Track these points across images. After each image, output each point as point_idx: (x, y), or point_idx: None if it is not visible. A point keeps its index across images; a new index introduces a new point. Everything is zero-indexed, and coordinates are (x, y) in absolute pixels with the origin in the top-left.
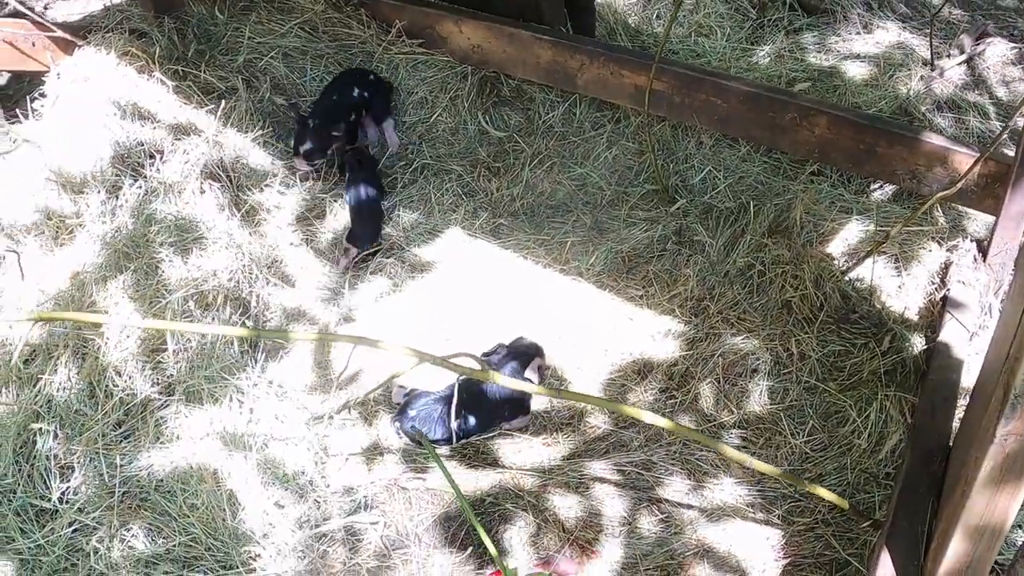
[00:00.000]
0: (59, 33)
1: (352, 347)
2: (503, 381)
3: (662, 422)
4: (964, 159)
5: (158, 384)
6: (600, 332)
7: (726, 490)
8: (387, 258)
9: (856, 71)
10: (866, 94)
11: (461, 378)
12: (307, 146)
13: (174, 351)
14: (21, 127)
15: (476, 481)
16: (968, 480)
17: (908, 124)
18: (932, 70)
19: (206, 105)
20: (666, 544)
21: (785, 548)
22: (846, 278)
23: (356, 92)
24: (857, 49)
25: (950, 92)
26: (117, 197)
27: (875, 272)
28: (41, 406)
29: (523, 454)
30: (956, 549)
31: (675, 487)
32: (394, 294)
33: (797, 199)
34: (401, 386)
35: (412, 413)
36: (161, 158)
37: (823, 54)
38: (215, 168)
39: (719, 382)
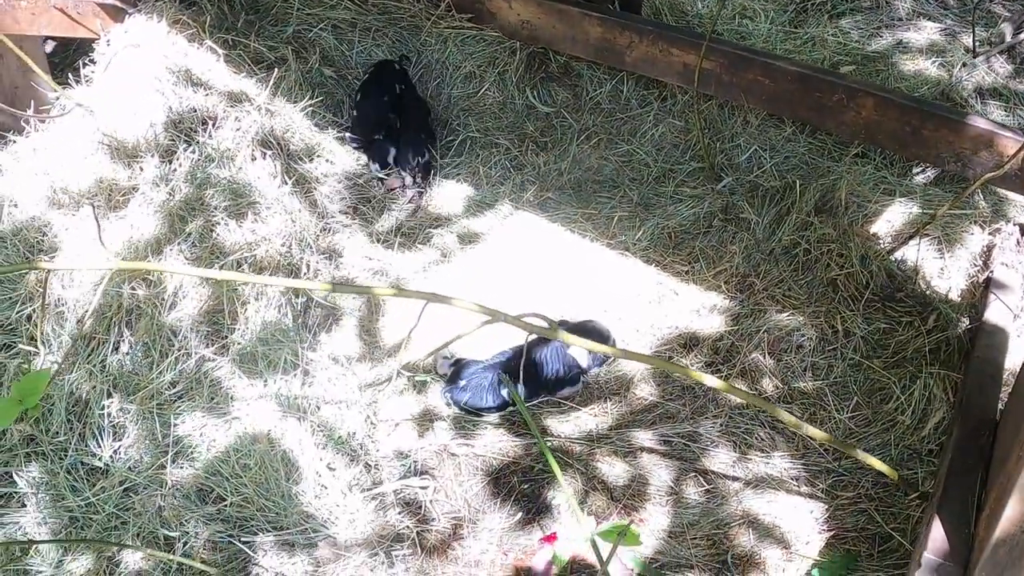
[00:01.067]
0: (110, 0)
1: (424, 303)
2: (574, 340)
3: (721, 384)
4: (1009, 143)
5: (213, 345)
6: (646, 306)
7: (771, 463)
8: (436, 228)
9: (898, 56)
10: (908, 79)
11: (530, 339)
12: (393, 153)
13: (229, 313)
14: (73, 91)
15: (525, 448)
16: (1023, 445)
17: (952, 108)
18: (974, 57)
19: (256, 74)
20: (712, 514)
21: (829, 521)
22: (891, 258)
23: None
24: (899, 35)
25: (991, 80)
26: (171, 162)
27: (919, 253)
28: (95, 365)
29: (572, 423)
30: (1010, 512)
31: (720, 459)
32: (442, 265)
33: (842, 180)
34: (446, 357)
35: (462, 383)
36: (214, 125)
37: (866, 39)
38: (267, 136)
39: (764, 357)
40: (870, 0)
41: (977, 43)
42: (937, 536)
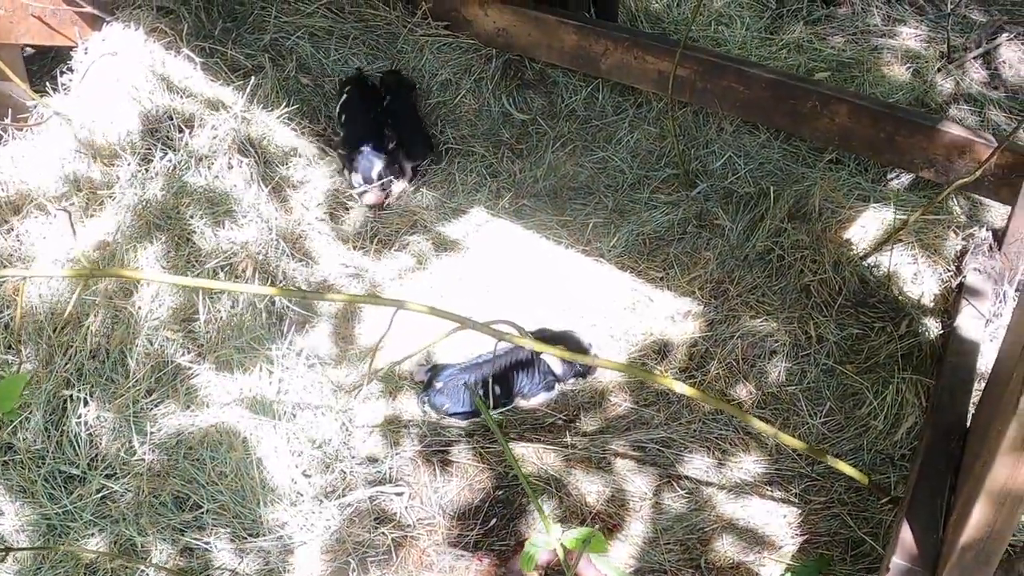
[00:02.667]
0: (88, 9)
1: (394, 310)
2: (543, 348)
3: (693, 392)
4: (982, 149)
5: (189, 352)
6: (621, 312)
7: (744, 468)
8: (411, 235)
9: (873, 62)
10: (883, 85)
11: (499, 346)
12: (379, 168)
13: (205, 320)
14: (51, 100)
15: (499, 454)
16: (991, 450)
17: (926, 114)
18: (949, 63)
19: (233, 82)
20: (686, 520)
21: (802, 526)
22: (864, 263)
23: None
24: (875, 41)
25: (966, 85)
26: (147, 169)
27: (893, 259)
28: (71, 373)
29: (546, 431)
30: (978, 517)
31: (695, 464)
32: (417, 271)
33: (816, 186)
34: (421, 364)
35: (439, 386)
36: (190, 132)
37: (841, 45)
38: (243, 143)
39: (738, 363)
40: (846, 7)
41: (952, 49)
42: (906, 540)
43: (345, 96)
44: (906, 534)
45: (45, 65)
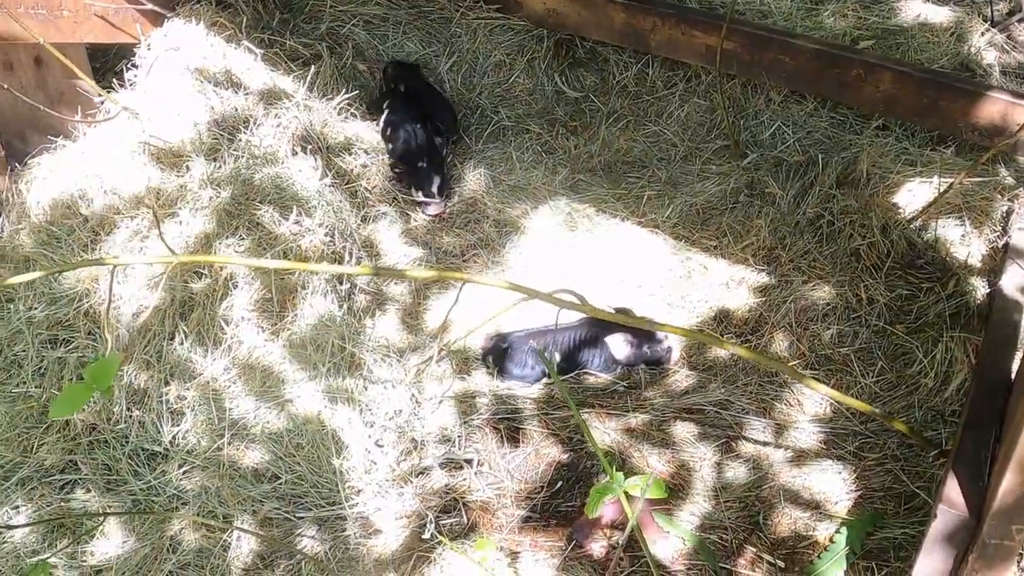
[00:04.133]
0: (149, 6)
1: (461, 284)
2: (606, 316)
3: (751, 354)
4: None
5: (264, 332)
6: (677, 281)
7: (800, 427)
8: (471, 213)
9: (917, 28)
10: (928, 50)
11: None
12: (438, 183)
13: (278, 301)
14: (117, 95)
15: (563, 420)
16: None
17: (970, 79)
18: (993, 26)
19: (293, 71)
20: (745, 479)
21: (857, 482)
22: (912, 226)
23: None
24: (918, 7)
25: (1010, 49)
26: (216, 160)
27: (939, 221)
28: (151, 356)
29: (607, 397)
30: (1016, 462)
31: (752, 426)
32: (479, 248)
33: (863, 152)
34: (488, 334)
35: (505, 347)
36: (255, 123)
37: (885, 12)
38: (306, 131)
39: (792, 327)
40: None
41: (996, 12)
42: (952, 489)
43: (387, 111)
44: (952, 483)
45: (108, 61)
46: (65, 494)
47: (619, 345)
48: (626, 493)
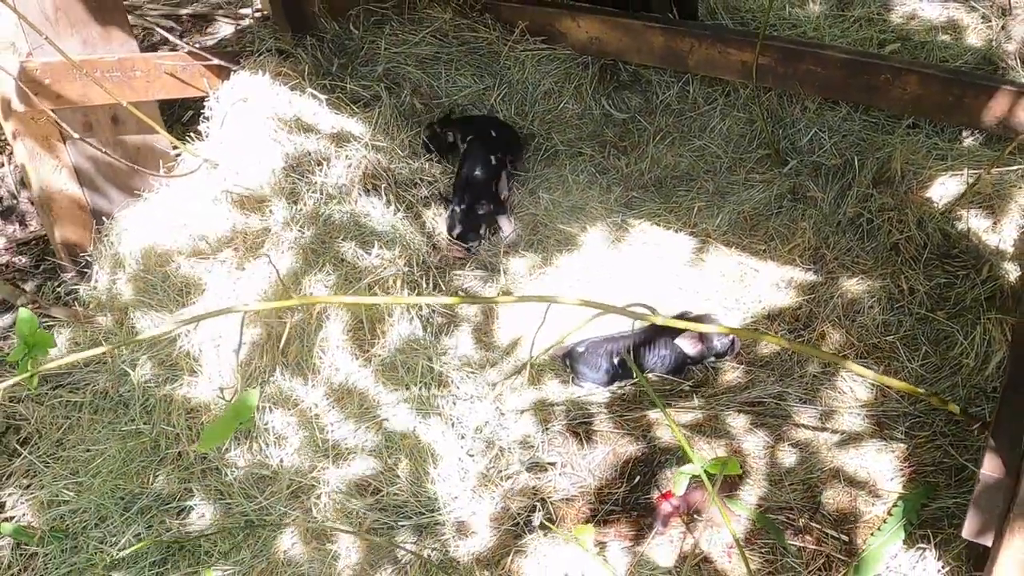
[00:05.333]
0: (215, 61)
1: (547, 306)
2: (671, 323)
3: (804, 348)
4: None
5: (357, 359)
6: (731, 284)
7: (854, 413)
8: (534, 236)
9: (940, 27)
10: (953, 47)
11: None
12: (458, 230)
13: (368, 329)
14: (195, 147)
15: (635, 421)
16: None
17: (992, 74)
18: (1011, 16)
19: (356, 113)
20: (805, 462)
21: (909, 459)
22: (945, 218)
23: (493, 160)
24: (939, 7)
25: None
26: (296, 203)
27: (971, 212)
28: (255, 388)
29: (675, 396)
30: None
31: (808, 414)
32: (546, 267)
33: (896, 151)
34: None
35: (580, 351)
36: (328, 164)
37: (908, 14)
38: (375, 169)
39: (840, 320)
40: None
41: (1013, 4)
42: (993, 456)
43: (465, 146)
44: (992, 450)
45: (173, 113)
46: (182, 519)
47: (688, 344)
48: (707, 472)
